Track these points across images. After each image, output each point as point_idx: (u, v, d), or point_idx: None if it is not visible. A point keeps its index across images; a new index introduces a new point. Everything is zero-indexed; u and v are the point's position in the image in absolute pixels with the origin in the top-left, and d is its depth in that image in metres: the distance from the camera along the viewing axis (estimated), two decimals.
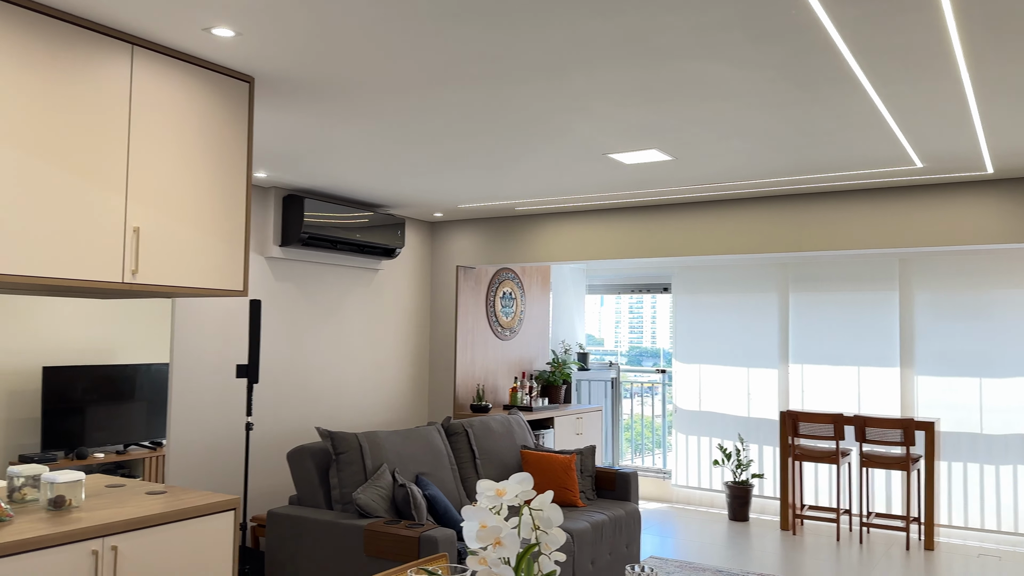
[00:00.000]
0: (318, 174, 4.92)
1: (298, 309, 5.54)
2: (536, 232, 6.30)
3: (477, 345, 6.81)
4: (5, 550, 2.22)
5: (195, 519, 2.75)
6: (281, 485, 5.44)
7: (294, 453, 4.47)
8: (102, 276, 2.62)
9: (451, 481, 4.85)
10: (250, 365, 4.07)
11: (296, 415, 5.52)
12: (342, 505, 4.28)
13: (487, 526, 1.81)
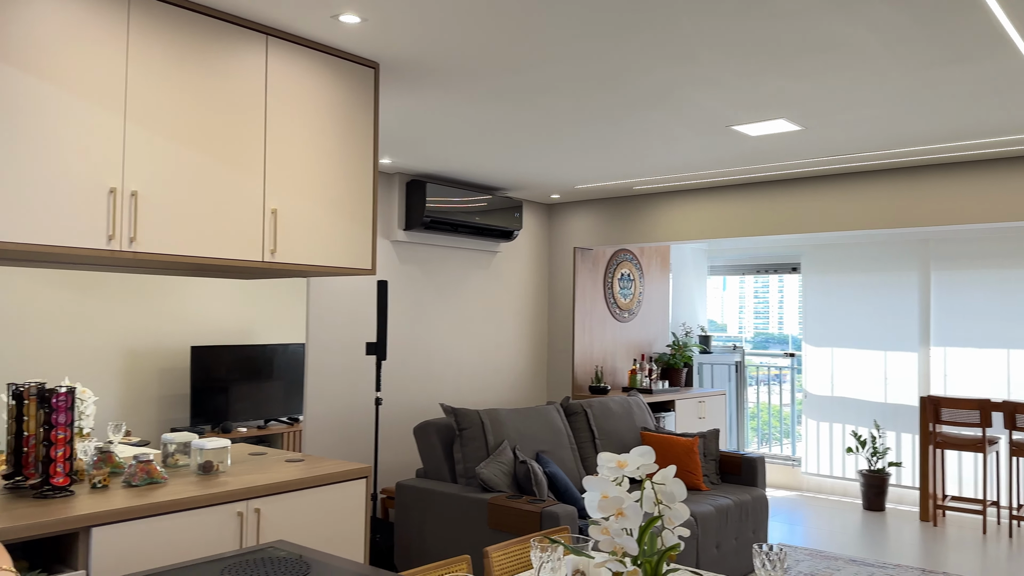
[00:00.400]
0: (439, 159, 5.02)
1: (422, 290, 5.70)
2: (655, 211, 6.19)
3: (595, 327, 6.79)
4: (162, 508, 2.41)
5: (330, 485, 2.89)
6: (407, 459, 5.63)
7: (420, 428, 4.61)
8: (245, 255, 2.79)
9: (571, 460, 4.87)
10: (378, 343, 4.23)
11: (421, 392, 5.69)
12: (466, 479, 4.38)
13: (608, 496, 1.81)
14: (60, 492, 2.45)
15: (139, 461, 2.65)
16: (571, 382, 6.55)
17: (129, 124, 2.48)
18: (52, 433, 2.46)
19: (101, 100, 2.42)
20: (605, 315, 6.89)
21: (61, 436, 2.46)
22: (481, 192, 5.81)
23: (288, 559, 1.76)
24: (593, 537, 1.83)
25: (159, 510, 2.41)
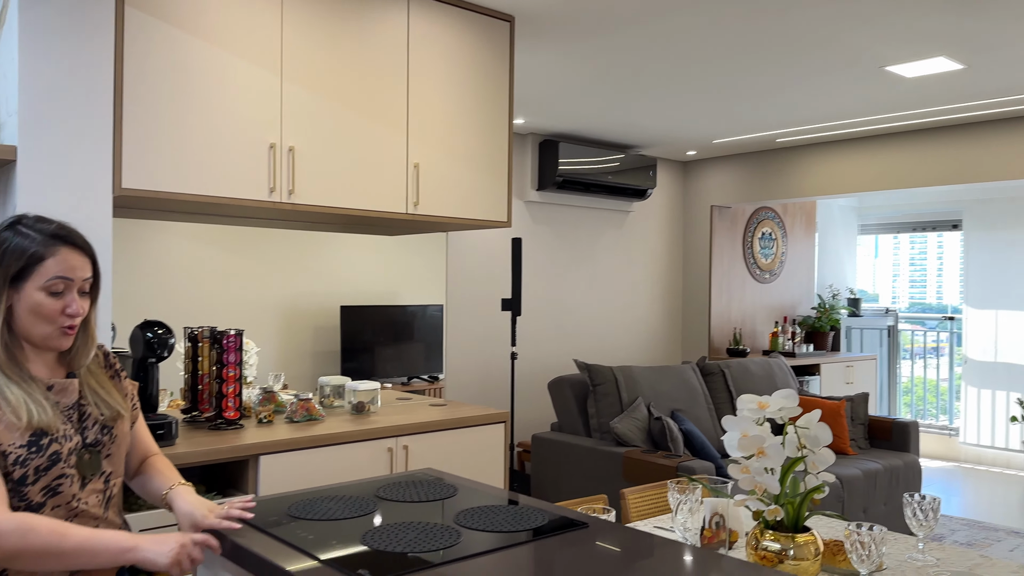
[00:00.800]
0: (571, 117, 5.02)
1: (554, 250, 5.76)
2: (799, 165, 5.93)
3: (733, 288, 6.62)
4: (320, 441, 2.61)
5: (471, 428, 3.01)
6: (541, 414, 5.74)
7: (554, 383, 4.69)
8: (390, 208, 2.93)
9: (707, 419, 4.81)
10: (513, 299, 4.33)
11: (554, 349, 5.77)
12: (600, 433, 4.43)
13: (749, 435, 1.79)
14: (232, 425, 2.69)
15: (299, 399, 2.86)
16: (707, 344, 6.43)
17: (285, 83, 2.65)
18: (224, 371, 2.69)
19: (260, 61, 2.60)
20: (744, 276, 6.70)
21: (231, 374, 2.70)
22: (614, 151, 5.77)
23: (437, 482, 1.87)
24: (732, 476, 1.82)
25: (318, 443, 2.60)
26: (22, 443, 1.40)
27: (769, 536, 1.79)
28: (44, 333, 1.46)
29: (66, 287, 1.46)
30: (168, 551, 1.41)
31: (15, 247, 1.44)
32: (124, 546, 1.39)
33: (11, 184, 2.13)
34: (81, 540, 1.37)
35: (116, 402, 1.56)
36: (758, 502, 1.80)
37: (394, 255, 4.85)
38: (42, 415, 1.42)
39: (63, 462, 1.44)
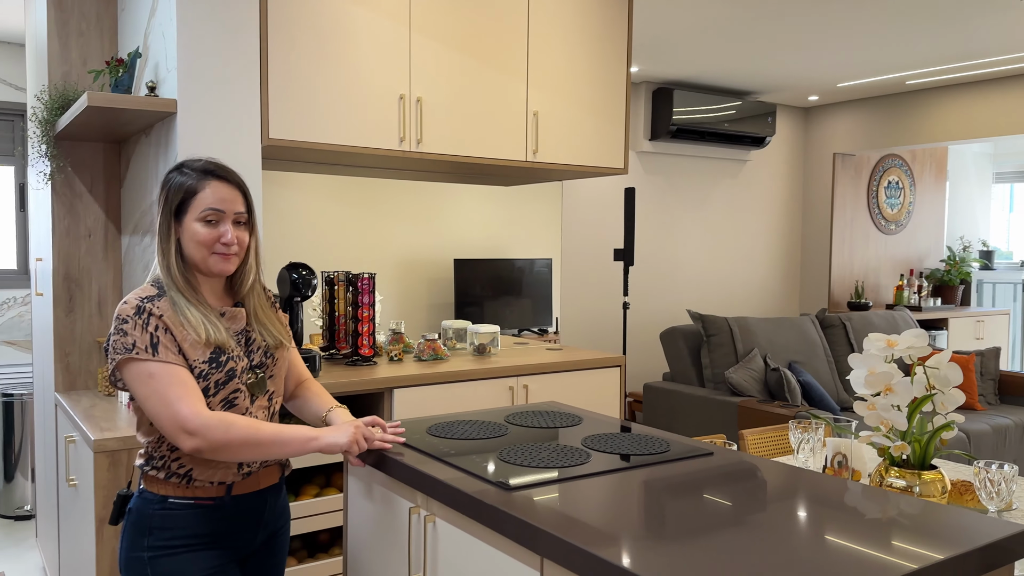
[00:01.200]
0: (687, 63, 4.94)
1: (668, 200, 5.71)
2: (930, 109, 5.62)
3: (856, 239, 6.38)
4: (447, 378, 2.76)
5: (587, 370, 3.10)
6: (652, 365, 5.77)
7: (667, 333, 4.71)
8: (510, 156, 3.02)
9: (826, 372, 4.72)
10: (626, 249, 4.35)
11: (666, 299, 5.77)
12: (713, 384, 4.44)
13: (876, 372, 1.79)
14: (366, 361, 2.88)
15: (426, 339, 3.02)
16: (827, 297, 6.26)
17: (413, 34, 2.76)
18: (359, 312, 2.88)
19: (391, 13, 2.71)
20: (868, 227, 6.45)
21: (366, 314, 2.88)
22: (731, 97, 5.63)
23: (562, 412, 1.97)
24: (858, 413, 1.83)
25: (444, 379, 2.75)
26: (204, 359, 1.56)
27: (894, 473, 1.80)
28: (204, 258, 1.59)
29: (219, 218, 1.59)
30: (345, 433, 1.60)
31: (176, 184, 1.60)
32: (309, 435, 1.57)
33: (172, 135, 2.34)
34: (273, 432, 1.55)
35: (278, 330, 1.71)
36: (884, 438, 1.81)
37: (505, 209, 4.95)
38: (218, 334, 1.59)
39: (237, 378, 1.60)
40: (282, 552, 1.78)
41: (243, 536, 1.66)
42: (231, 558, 1.64)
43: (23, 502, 4.16)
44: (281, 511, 1.76)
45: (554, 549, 1.18)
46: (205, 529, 1.60)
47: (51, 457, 2.97)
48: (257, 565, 1.72)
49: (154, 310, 1.55)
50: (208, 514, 1.60)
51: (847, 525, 1.23)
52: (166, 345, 1.53)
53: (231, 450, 1.52)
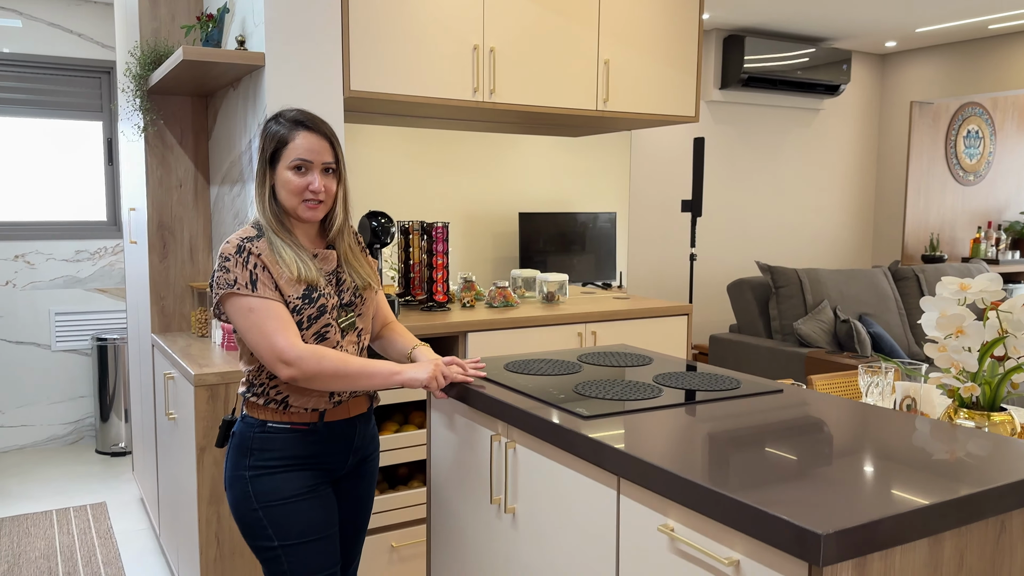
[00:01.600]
0: (758, 9, 4.83)
1: (737, 150, 5.65)
2: (1014, 54, 5.39)
3: (932, 190, 6.21)
4: (517, 323, 2.85)
5: (654, 318, 3.16)
6: (718, 317, 5.77)
7: (735, 285, 4.71)
8: (582, 105, 3.05)
9: (898, 325, 4.67)
10: (694, 200, 4.35)
11: (733, 251, 5.74)
12: (781, 335, 4.44)
13: (948, 315, 1.81)
14: (441, 307, 2.99)
15: (497, 287, 3.12)
16: (900, 249, 6.13)
17: None
18: (433, 259, 2.98)
19: None
20: (945, 178, 6.26)
21: (440, 262, 2.98)
22: (804, 44, 5.50)
23: (633, 353, 2.04)
24: (929, 355, 1.85)
25: (515, 324, 2.85)
26: (298, 295, 1.69)
27: (963, 414, 1.82)
28: (294, 205, 1.70)
29: (308, 167, 1.69)
30: (426, 370, 1.71)
31: (271, 133, 1.71)
32: (393, 370, 1.70)
33: (260, 87, 2.45)
34: (361, 365, 1.67)
35: (367, 272, 1.83)
36: (954, 380, 1.83)
37: (570, 162, 4.97)
38: (309, 273, 1.70)
39: (328, 314, 1.72)
40: (371, 477, 1.91)
41: (335, 459, 1.79)
42: (323, 479, 1.78)
43: (118, 440, 4.46)
44: (370, 439, 1.89)
45: (631, 468, 1.27)
46: (300, 451, 1.73)
47: (147, 395, 3.19)
48: (349, 487, 1.87)
49: (253, 249, 1.67)
50: (302, 438, 1.74)
51: (915, 451, 1.28)
52: (264, 282, 1.65)
53: (323, 380, 1.64)
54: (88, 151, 4.64)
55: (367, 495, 1.91)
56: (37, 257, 4.48)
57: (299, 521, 1.71)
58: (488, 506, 1.72)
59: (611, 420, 1.47)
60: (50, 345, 4.54)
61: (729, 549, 1.10)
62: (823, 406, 1.60)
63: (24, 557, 3.14)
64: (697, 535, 1.16)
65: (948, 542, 1.09)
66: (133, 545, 3.29)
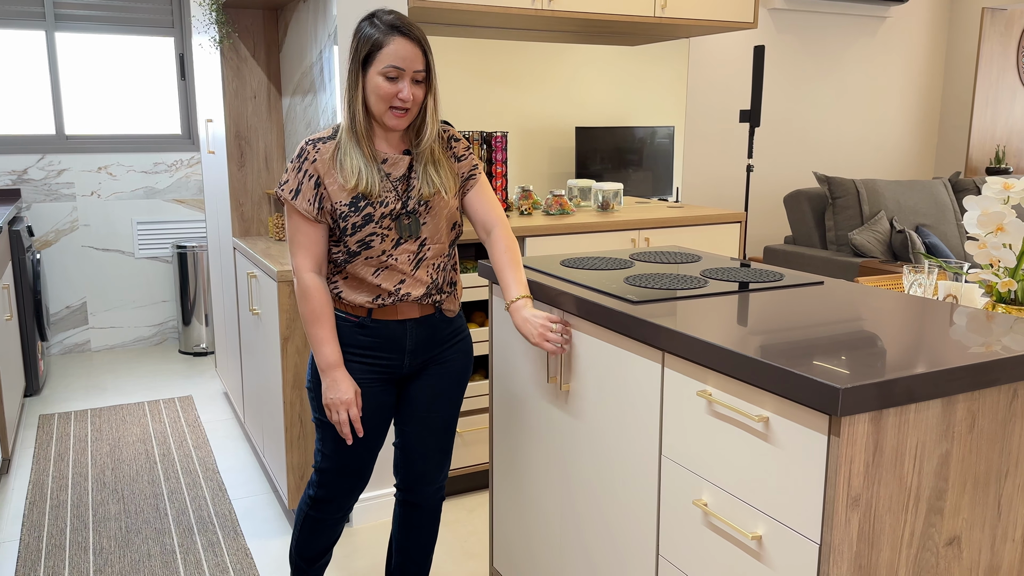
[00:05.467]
0: None
1: (798, 60, 5.55)
2: None
3: (1001, 101, 6.01)
4: (573, 229, 2.98)
5: (707, 226, 3.25)
6: (773, 230, 5.79)
7: (791, 196, 4.73)
8: (639, 11, 3.09)
9: (955, 237, 4.64)
10: (752, 110, 4.34)
11: (793, 162, 5.71)
12: (836, 246, 4.47)
13: (990, 212, 1.87)
14: None
15: (554, 195, 3.24)
16: (964, 161, 6.00)
17: None
18: (492, 168, 3.11)
19: None
20: (1015, 88, 6.04)
21: (499, 171, 3.11)
22: None
23: (683, 252, 2.16)
24: (968, 252, 1.92)
25: (571, 230, 2.98)
26: (346, 202, 1.74)
27: (1001, 309, 1.90)
28: (381, 112, 1.71)
29: (399, 75, 1.68)
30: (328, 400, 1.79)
31: (366, 35, 1.69)
32: (320, 356, 1.79)
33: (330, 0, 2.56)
34: (316, 331, 1.79)
35: (441, 180, 1.79)
36: (992, 275, 1.91)
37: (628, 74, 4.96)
38: (363, 183, 1.72)
39: (375, 223, 1.75)
40: (440, 381, 1.93)
41: (389, 358, 1.86)
42: (380, 377, 1.86)
43: (199, 341, 4.80)
44: (436, 342, 1.90)
45: (674, 342, 1.41)
46: (353, 341, 1.83)
47: (230, 296, 3.44)
48: (420, 387, 1.93)
49: (312, 154, 1.75)
50: (355, 329, 1.83)
51: (942, 330, 1.39)
52: (305, 194, 1.74)
53: (301, 314, 1.81)
54: (160, 66, 4.83)
55: (440, 394, 1.93)
56: (118, 169, 4.74)
57: None
58: (545, 386, 1.89)
59: (658, 305, 1.61)
60: (133, 252, 4.85)
61: (759, 408, 1.25)
62: (861, 295, 1.71)
63: (123, 440, 3.49)
64: (731, 397, 1.31)
65: (961, 404, 1.21)
66: (219, 431, 3.61)
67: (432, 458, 1.97)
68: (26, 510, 2.85)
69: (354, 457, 1.90)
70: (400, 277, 1.81)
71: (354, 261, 1.79)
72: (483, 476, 3.04)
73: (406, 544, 2.04)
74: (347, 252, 1.78)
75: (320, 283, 1.79)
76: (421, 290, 1.82)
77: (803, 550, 1.18)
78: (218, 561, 2.51)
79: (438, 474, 2.00)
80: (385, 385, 1.88)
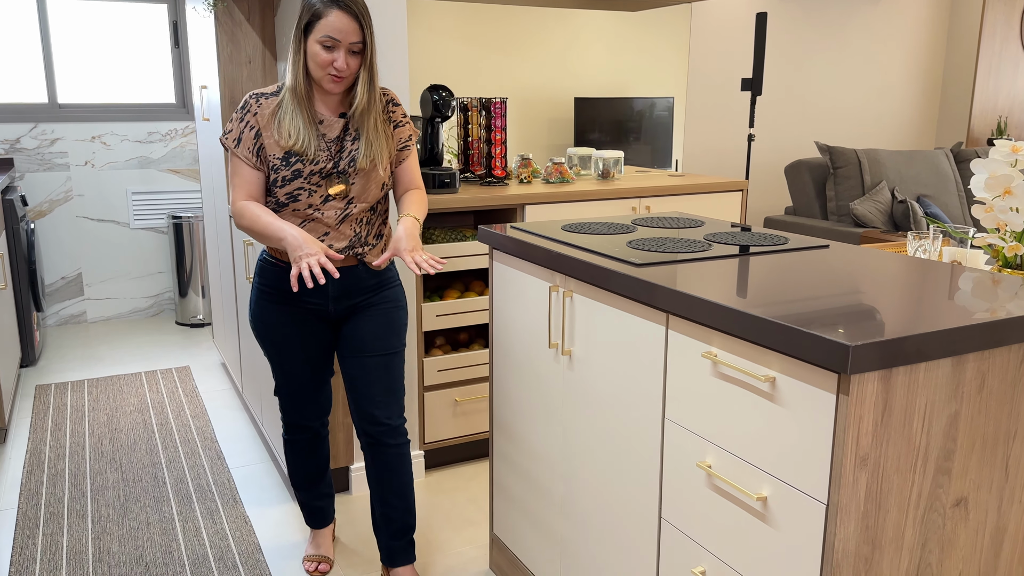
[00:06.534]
0: None
1: (801, 29, 5.48)
2: None
3: (1003, 72, 5.95)
4: (573, 197, 2.95)
5: (708, 194, 3.22)
6: (773, 201, 5.76)
7: (792, 166, 4.69)
8: None
9: (956, 207, 4.62)
10: (754, 78, 4.29)
11: (794, 132, 5.66)
12: (837, 216, 4.44)
13: (997, 175, 1.85)
14: (499, 181, 3.10)
15: (553, 163, 3.20)
16: (966, 132, 5.95)
17: None
18: (491, 135, 3.07)
19: None
20: (1018, 58, 5.98)
21: (499, 137, 3.07)
22: None
23: (686, 217, 2.13)
24: (975, 216, 1.90)
25: (571, 198, 2.94)
26: (279, 156, 1.90)
27: (1006, 273, 1.88)
28: (320, 77, 1.85)
29: (335, 45, 1.81)
30: (296, 257, 1.79)
31: (308, 4, 1.83)
32: (279, 236, 1.83)
33: None
34: (265, 224, 1.86)
35: (375, 145, 1.92)
36: (999, 239, 1.88)
37: (628, 43, 4.89)
38: (299, 143, 1.87)
39: (302, 179, 1.90)
40: (368, 323, 2.03)
41: (315, 303, 2.00)
42: (311, 315, 2.02)
43: (196, 312, 4.77)
44: (351, 291, 2.01)
45: (679, 303, 1.39)
46: (281, 285, 1.99)
47: (226, 265, 3.41)
48: (350, 329, 2.04)
49: (255, 107, 1.90)
50: (284, 274, 1.99)
51: (949, 291, 1.37)
52: (246, 143, 1.90)
53: (246, 230, 1.91)
54: (154, 34, 4.75)
55: (369, 334, 2.02)
56: (112, 138, 4.69)
57: (276, 343, 2.03)
58: (546, 351, 1.88)
59: (662, 268, 1.58)
60: (128, 223, 4.81)
61: (766, 368, 1.23)
62: (869, 258, 1.69)
63: (120, 410, 3.47)
64: (737, 358, 1.29)
65: (971, 364, 1.20)
66: (217, 401, 3.60)
67: (376, 395, 2.05)
68: (24, 479, 2.84)
69: (299, 382, 2.09)
70: (324, 230, 1.95)
71: (282, 212, 1.94)
72: (482, 445, 3.03)
73: (381, 492, 2.11)
74: (276, 203, 1.93)
75: (254, 202, 1.93)
76: (344, 243, 1.95)
77: (810, 510, 1.17)
78: (217, 528, 2.51)
79: (386, 411, 2.05)
80: (319, 322, 2.04)
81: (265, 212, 1.89)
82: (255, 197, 1.93)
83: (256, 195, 1.93)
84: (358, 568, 2.32)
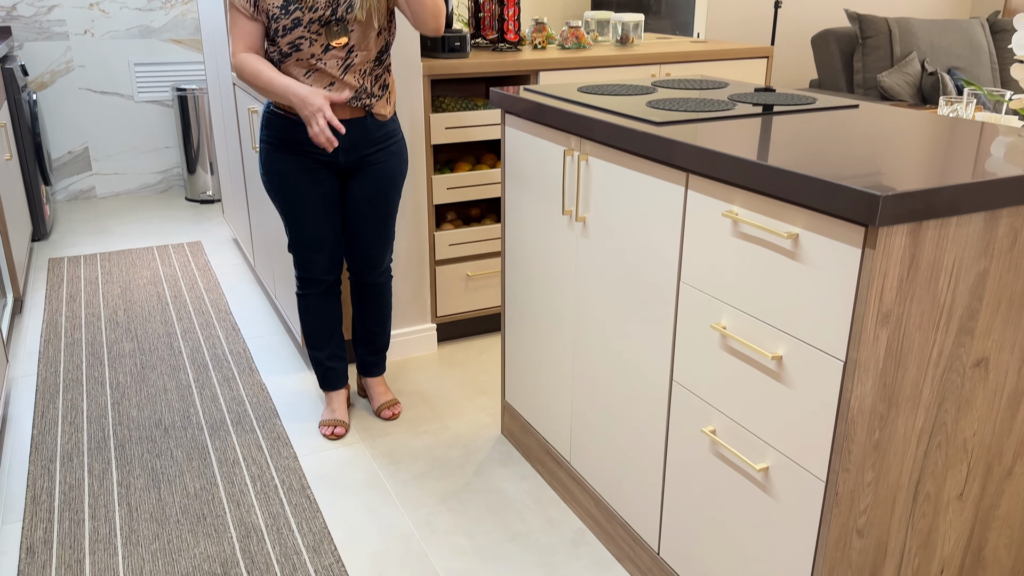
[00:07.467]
0: None
1: None
2: None
3: None
4: (589, 63, 2.82)
5: (731, 60, 3.07)
6: (799, 74, 5.54)
7: (819, 36, 4.47)
8: None
9: (988, 80, 4.42)
10: None
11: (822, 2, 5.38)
12: (863, 90, 4.27)
13: None
14: (512, 46, 2.96)
15: (570, 27, 3.04)
16: (1003, 0, 5.63)
17: None
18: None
19: None
20: None
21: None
22: None
23: (709, 79, 2.03)
24: (1013, 76, 1.79)
25: (587, 64, 2.82)
26: (278, 5, 1.91)
27: None
28: None
29: None
30: (306, 116, 1.87)
31: None
32: (283, 93, 1.88)
33: None
34: (266, 80, 1.89)
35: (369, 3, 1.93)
36: None
37: None
38: None
39: (303, 27, 1.92)
40: (375, 181, 2.14)
41: (325, 153, 2.06)
42: (321, 164, 2.07)
43: (205, 188, 4.72)
44: (360, 143, 2.07)
45: (699, 160, 1.33)
46: (294, 137, 2.03)
47: (233, 140, 3.33)
48: (356, 185, 2.14)
49: None
50: (289, 124, 2.03)
51: (982, 147, 1.30)
52: None
53: (248, 84, 1.94)
54: None
55: (374, 192, 2.15)
56: (111, 6, 4.50)
57: (288, 194, 2.08)
58: (559, 218, 1.83)
59: (683, 127, 1.51)
60: (132, 96, 4.69)
61: (789, 225, 1.18)
62: (897, 118, 1.60)
63: (134, 283, 3.49)
64: (758, 215, 1.24)
65: (1004, 220, 1.14)
66: (230, 275, 3.60)
67: (374, 245, 2.23)
68: (41, 347, 2.88)
69: (311, 231, 2.14)
70: (330, 80, 1.99)
71: (286, 62, 1.97)
72: (494, 320, 3.04)
73: (363, 316, 2.35)
74: (280, 52, 1.96)
75: (254, 54, 1.95)
76: (350, 93, 1.95)
77: (827, 368, 1.15)
78: (234, 395, 2.55)
79: (381, 258, 2.27)
80: (328, 172, 2.10)
81: (267, 66, 1.92)
82: (254, 49, 1.96)
83: (255, 47, 1.96)
84: (373, 431, 2.37)
